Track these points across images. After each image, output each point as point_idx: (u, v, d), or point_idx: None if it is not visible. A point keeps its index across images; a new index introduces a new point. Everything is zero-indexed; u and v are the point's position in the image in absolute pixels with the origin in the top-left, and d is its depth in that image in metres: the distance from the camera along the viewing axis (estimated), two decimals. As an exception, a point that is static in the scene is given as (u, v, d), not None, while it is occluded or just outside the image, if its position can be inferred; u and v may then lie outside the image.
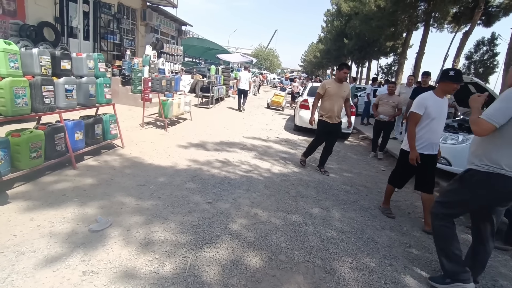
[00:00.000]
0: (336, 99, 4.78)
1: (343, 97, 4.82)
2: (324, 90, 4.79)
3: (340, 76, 4.75)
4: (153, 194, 3.43)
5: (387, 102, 6.32)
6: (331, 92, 4.75)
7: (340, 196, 4.12)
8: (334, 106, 4.78)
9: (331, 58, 39.15)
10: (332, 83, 4.84)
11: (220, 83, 13.25)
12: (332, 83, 4.83)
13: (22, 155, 3.16)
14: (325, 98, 4.82)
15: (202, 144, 5.96)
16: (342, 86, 4.80)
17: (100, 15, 10.79)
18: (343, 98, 4.84)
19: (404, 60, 18.10)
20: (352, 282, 2.31)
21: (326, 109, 4.83)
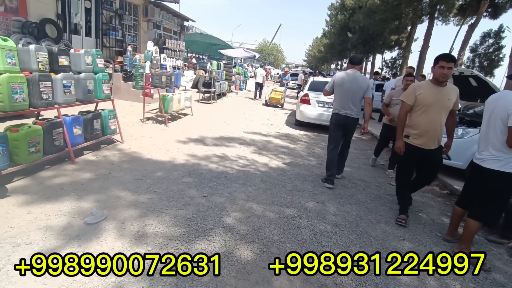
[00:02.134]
0: (435, 112, 3.08)
1: (447, 108, 3.09)
2: (413, 98, 3.14)
3: (438, 75, 2.96)
4: (149, 188, 3.47)
5: None
6: (425, 100, 3.08)
7: (336, 190, 4.12)
8: (431, 123, 3.10)
9: (335, 52, 38.91)
10: (426, 86, 3.12)
11: (222, 79, 13.25)
12: (427, 86, 3.12)
13: (20, 149, 3.21)
14: (416, 110, 3.17)
15: (201, 139, 5.99)
16: (444, 90, 3.05)
17: (102, 11, 10.82)
18: (447, 110, 3.11)
19: (409, 54, 17.92)
20: (350, 281, 2.32)
21: (419, 127, 3.17)
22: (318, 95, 8.08)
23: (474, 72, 5.97)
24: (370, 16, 17.85)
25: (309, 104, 8.09)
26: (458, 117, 5.75)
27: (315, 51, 60.81)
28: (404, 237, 3.03)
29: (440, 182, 4.90)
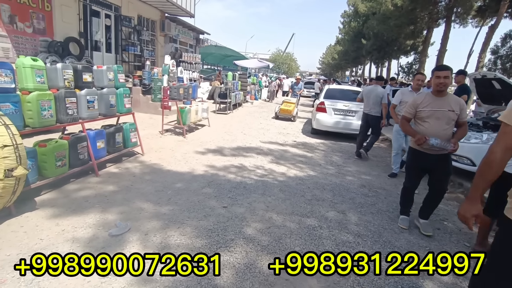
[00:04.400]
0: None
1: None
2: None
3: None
4: (170, 200, 3.52)
5: None
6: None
7: (357, 199, 4.04)
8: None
9: (349, 60, 38.67)
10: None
11: (237, 89, 13.40)
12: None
13: (48, 164, 3.35)
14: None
15: (219, 150, 6.05)
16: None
17: (121, 28, 11.26)
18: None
19: (425, 59, 17.54)
20: (368, 286, 2.26)
21: None
22: (334, 103, 8.03)
23: (497, 75, 5.78)
24: (385, 22, 17.67)
25: (325, 112, 8.03)
26: (482, 121, 5.56)
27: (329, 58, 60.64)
28: (430, 247, 2.92)
29: (465, 189, 4.72)
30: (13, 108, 3.01)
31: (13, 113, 3.01)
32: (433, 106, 3.06)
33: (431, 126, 3.08)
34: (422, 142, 3.00)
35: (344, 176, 5.02)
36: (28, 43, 7.96)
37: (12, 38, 7.54)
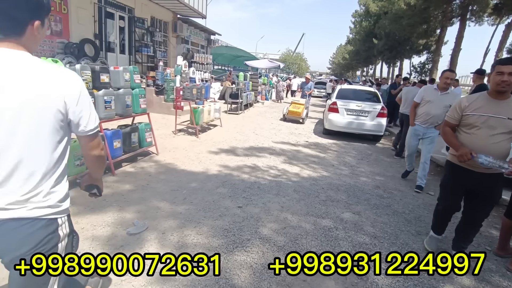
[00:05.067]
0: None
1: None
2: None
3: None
4: (186, 199, 3.56)
5: None
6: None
7: (372, 200, 4.00)
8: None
9: (361, 59, 38.28)
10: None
11: (248, 89, 13.43)
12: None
13: (68, 163, 3.43)
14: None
15: (232, 150, 6.08)
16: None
17: (134, 30, 11.44)
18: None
19: (439, 58, 17.23)
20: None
21: None
22: (347, 103, 7.97)
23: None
24: (397, 21, 17.41)
25: (338, 113, 7.98)
26: None
27: (340, 58, 60.23)
28: (450, 251, 2.86)
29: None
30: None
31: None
32: (487, 111, 2.35)
33: (479, 137, 2.37)
34: (466, 160, 2.33)
35: (358, 177, 4.98)
36: (46, 45, 8.17)
37: (30, 40, 7.77)
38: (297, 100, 10.82)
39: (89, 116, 1.23)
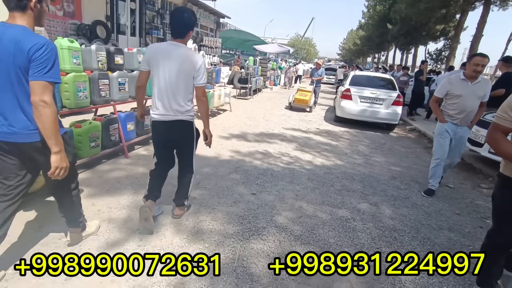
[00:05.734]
0: None
1: None
2: None
3: None
4: (199, 184, 3.52)
5: None
6: None
7: (389, 191, 3.91)
8: None
9: (373, 45, 37.26)
10: None
11: (258, 74, 13.22)
12: None
13: (83, 144, 3.41)
14: None
15: (242, 135, 6.00)
16: None
17: (145, 12, 11.25)
18: None
19: (457, 45, 16.57)
20: (410, 285, 2.18)
21: None
22: (360, 90, 7.76)
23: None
24: (414, 5, 16.71)
25: (351, 100, 7.78)
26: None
27: (350, 44, 58.77)
28: (474, 247, 2.78)
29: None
30: (50, 89, 3.04)
31: (51, 94, 3.04)
32: None
33: None
34: None
35: (373, 167, 4.88)
36: (59, 25, 8.09)
37: (42, 20, 7.68)
38: (303, 87, 10.02)
39: None
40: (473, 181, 4.71)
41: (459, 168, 5.30)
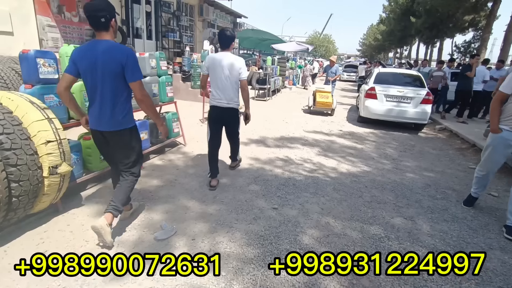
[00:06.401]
0: None
1: None
2: None
3: None
4: (216, 197, 3.28)
5: None
6: None
7: (424, 201, 3.51)
8: None
9: (395, 40, 35.89)
10: None
11: (276, 74, 12.90)
12: None
13: (93, 157, 3.25)
14: None
15: (262, 140, 5.73)
16: None
17: (161, 14, 11.20)
18: None
19: (489, 35, 15.42)
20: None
21: None
22: (386, 88, 7.28)
23: None
24: (440, -5, 15.81)
25: (376, 99, 7.31)
26: None
27: (371, 39, 57.01)
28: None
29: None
30: (57, 100, 2.90)
31: (57, 105, 2.90)
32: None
33: None
34: None
35: (404, 173, 4.46)
36: (75, 32, 8.13)
37: (60, 28, 7.72)
38: (321, 88, 8.99)
39: None
40: (520, 188, 4.18)
41: (501, 171, 4.77)
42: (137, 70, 2.16)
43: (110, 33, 2.18)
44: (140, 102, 2.23)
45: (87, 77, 2.17)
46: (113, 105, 2.20)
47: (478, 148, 5.86)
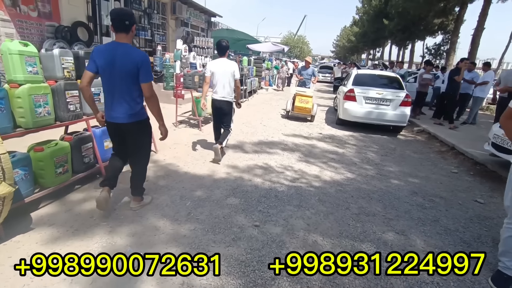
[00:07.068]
0: None
1: None
2: None
3: None
4: (190, 214, 2.93)
5: None
6: None
7: (413, 212, 3.35)
8: None
9: (368, 41, 36.82)
10: None
11: (252, 75, 12.62)
12: None
13: (46, 171, 2.79)
14: None
15: (239, 145, 5.41)
16: None
17: (131, 11, 10.56)
18: None
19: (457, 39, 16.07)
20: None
21: None
22: (365, 91, 7.20)
23: None
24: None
25: (355, 101, 7.21)
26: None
27: (344, 40, 58.31)
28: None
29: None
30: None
31: None
32: None
33: None
34: None
35: (388, 179, 4.32)
36: (33, 28, 7.37)
37: (15, 23, 6.96)
38: (302, 91, 8.02)
39: None
40: (503, 193, 4.16)
41: (482, 176, 4.78)
42: (149, 73, 2.53)
43: (129, 36, 2.49)
44: (148, 100, 2.62)
45: (105, 74, 2.48)
46: (129, 101, 2.54)
47: (457, 151, 5.89)
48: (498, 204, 3.76)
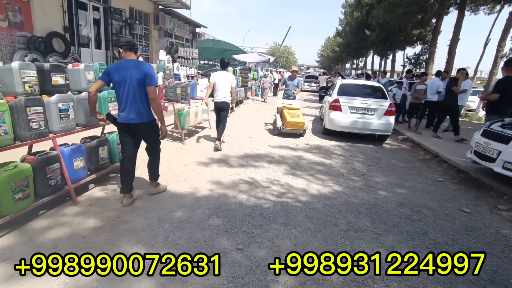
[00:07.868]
0: None
1: None
2: None
3: None
4: (168, 239, 2.69)
5: None
6: None
7: (402, 225, 3.23)
8: None
9: (351, 51, 37.65)
10: None
11: (238, 85, 12.51)
12: None
13: (2, 198, 2.51)
14: None
15: (224, 159, 5.22)
16: None
17: (111, 22, 10.34)
18: None
19: (435, 49, 16.56)
20: None
21: None
22: (350, 100, 7.18)
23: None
24: (392, 10, 16.66)
25: (340, 111, 7.17)
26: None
27: (328, 51, 59.52)
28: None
29: None
30: None
31: None
32: None
33: None
34: None
35: (375, 191, 4.21)
36: (3, 38, 7.06)
37: (-15, 34, 6.65)
38: (288, 104, 7.56)
39: None
40: (487, 202, 4.13)
41: (466, 184, 4.75)
42: (153, 79, 3.16)
43: (136, 55, 3.27)
44: (152, 101, 3.17)
45: (121, 85, 3.05)
46: (142, 105, 3.14)
47: (441, 159, 5.88)
48: (483, 213, 3.72)
